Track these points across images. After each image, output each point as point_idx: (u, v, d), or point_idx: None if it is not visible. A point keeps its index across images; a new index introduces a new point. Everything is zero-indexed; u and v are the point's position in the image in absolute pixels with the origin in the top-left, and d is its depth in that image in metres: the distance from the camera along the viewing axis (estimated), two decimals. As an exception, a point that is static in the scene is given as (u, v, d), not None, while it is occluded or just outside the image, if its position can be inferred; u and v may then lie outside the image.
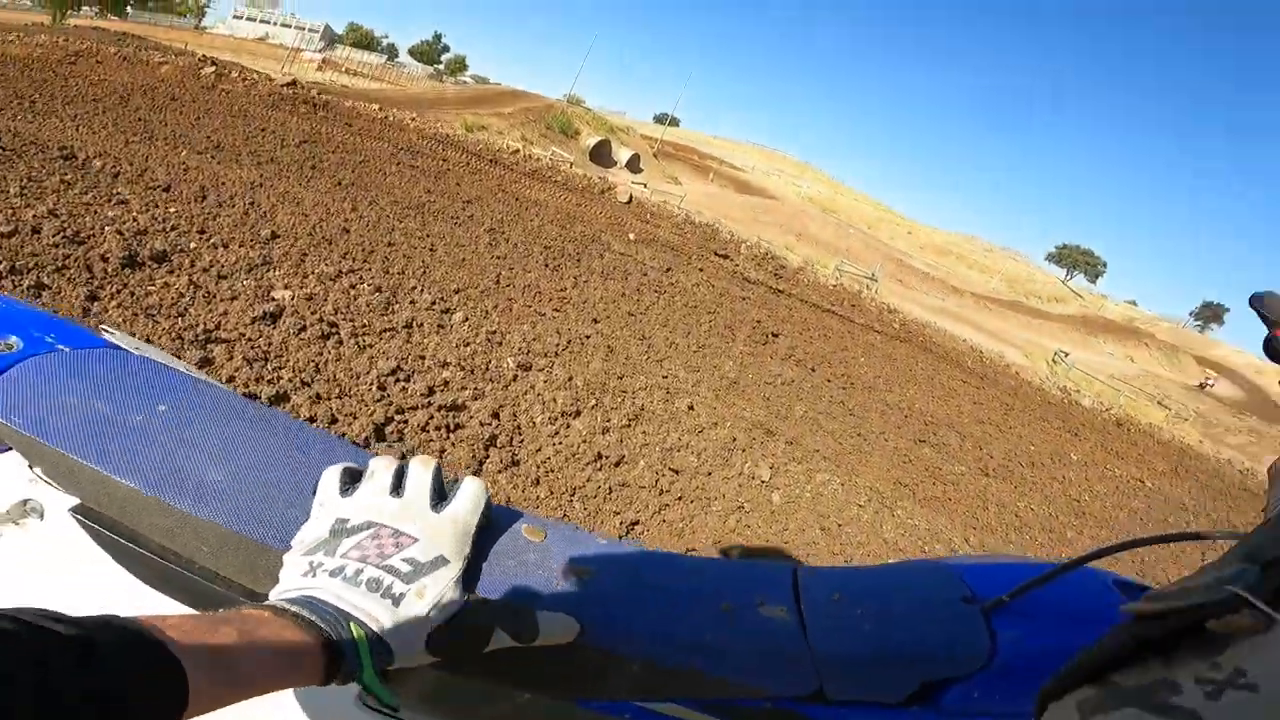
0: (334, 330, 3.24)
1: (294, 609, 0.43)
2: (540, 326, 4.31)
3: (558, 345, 4.11)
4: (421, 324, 3.68)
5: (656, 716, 0.54)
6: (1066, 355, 20.69)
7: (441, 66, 59.88)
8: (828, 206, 44.91)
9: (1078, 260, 64.79)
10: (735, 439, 3.83)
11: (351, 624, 0.44)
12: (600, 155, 28.60)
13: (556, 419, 3.29)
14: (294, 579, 0.48)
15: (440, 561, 0.49)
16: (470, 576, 0.52)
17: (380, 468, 0.54)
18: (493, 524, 0.58)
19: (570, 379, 3.74)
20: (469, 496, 0.54)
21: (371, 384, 2.91)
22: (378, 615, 0.45)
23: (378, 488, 0.53)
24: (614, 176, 22.66)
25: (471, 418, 2.98)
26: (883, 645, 0.58)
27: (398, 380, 3.03)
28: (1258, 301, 0.92)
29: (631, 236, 7.62)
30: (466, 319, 3.97)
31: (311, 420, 2.58)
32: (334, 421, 2.61)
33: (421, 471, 0.54)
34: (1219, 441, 16.57)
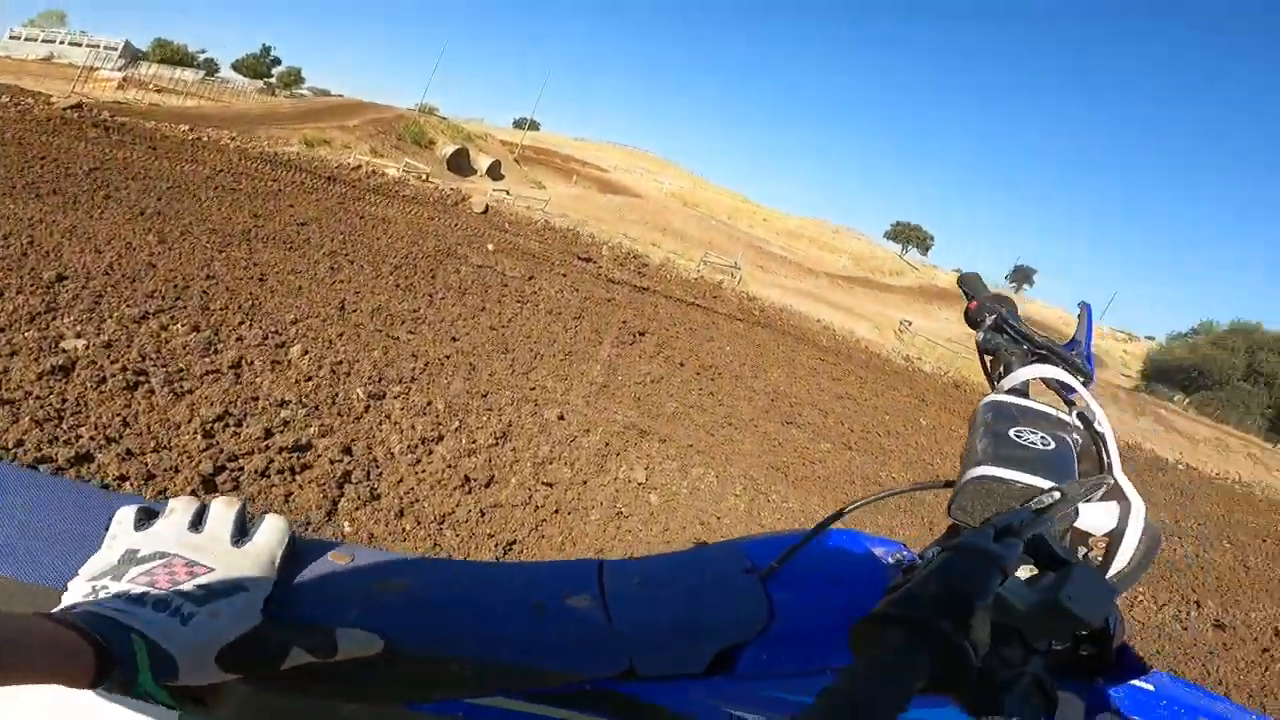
0: (143, 379, 2.86)
1: (67, 617, 0.43)
2: (393, 351, 4.05)
3: (414, 369, 3.88)
4: (252, 362, 3.33)
5: (488, 710, 0.57)
6: (909, 324, 22.61)
7: (273, 80, 55.28)
8: (689, 200, 46.37)
9: (910, 235, 71.14)
10: (608, 443, 3.79)
11: (131, 634, 0.44)
12: (459, 164, 27.66)
13: (416, 446, 3.10)
14: (75, 600, 0.47)
15: (238, 588, 0.50)
16: (274, 602, 0.53)
17: (180, 506, 0.55)
18: (301, 554, 0.60)
19: (429, 403, 3.54)
20: (271, 529, 0.56)
21: (195, 433, 2.60)
22: (162, 630, 0.45)
23: (175, 523, 0.53)
24: (474, 185, 22.01)
25: (319, 456, 2.74)
26: (679, 620, 0.64)
27: (227, 426, 2.73)
28: (962, 281, 1.11)
29: (490, 247, 7.40)
30: (307, 352, 3.64)
31: (123, 479, 2.26)
32: (151, 478, 2.31)
33: (223, 510, 0.55)
34: (1041, 390, 18.83)
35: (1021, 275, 76.43)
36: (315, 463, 2.70)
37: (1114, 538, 0.58)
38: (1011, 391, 0.77)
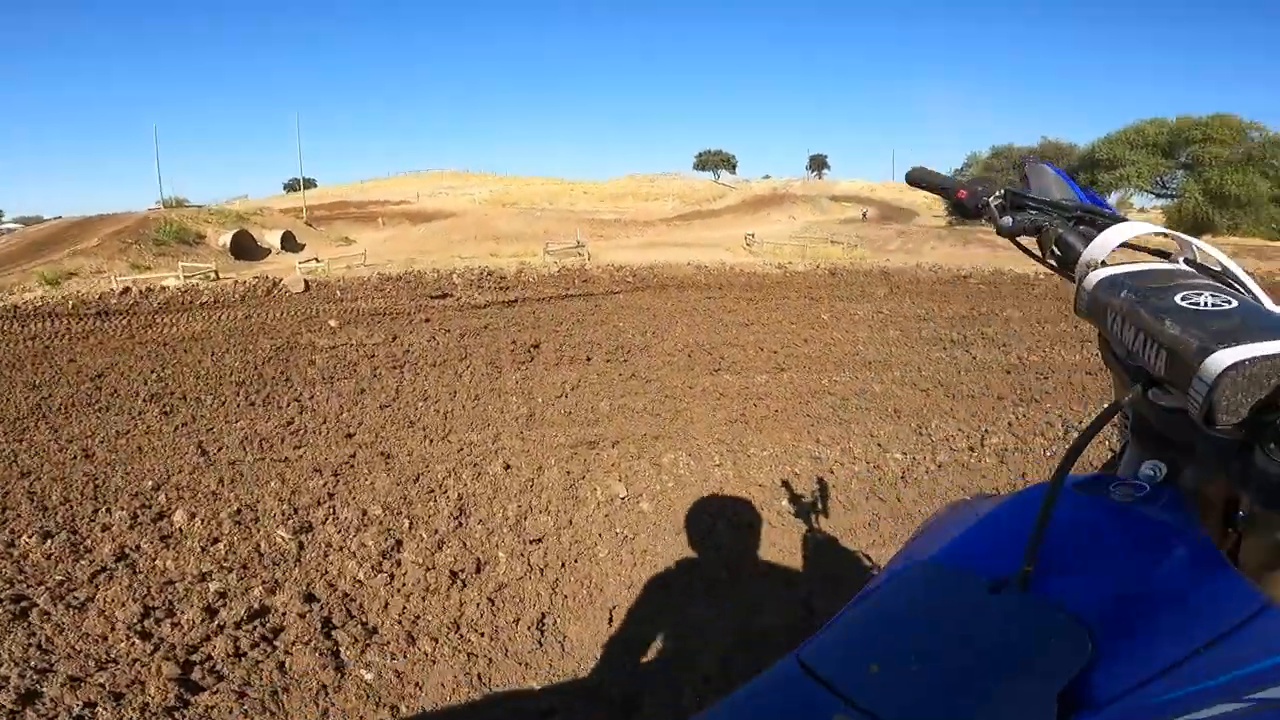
0: (26, 603, 2.36)
1: None
2: (289, 475, 3.52)
3: (325, 485, 3.40)
4: (137, 546, 2.82)
5: None
6: (753, 236, 23.71)
7: (-46, 223, 47.49)
8: (506, 201, 45.52)
9: (716, 161, 74.51)
10: (569, 472, 3.54)
11: None
12: (245, 249, 25.09)
13: (380, 563, 2.75)
14: None
15: None
16: None
17: None
18: None
19: (364, 513, 3.12)
20: None
21: (129, 638, 2.21)
22: None
23: None
24: (274, 265, 20.15)
25: (284, 616, 2.38)
26: (981, 685, 0.50)
27: (159, 620, 2.33)
28: (915, 179, 1.01)
29: (333, 323, 6.70)
30: (193, 514, 3.10)
31: (91, 706, 1.91)
32: (119, 697, 1.96)
33: None
34: (883, 251, 20.46)
35: (818, 163, 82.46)
36: (284, 624, 2.34)
37: None
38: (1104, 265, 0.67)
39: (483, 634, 2.32)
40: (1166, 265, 0.62)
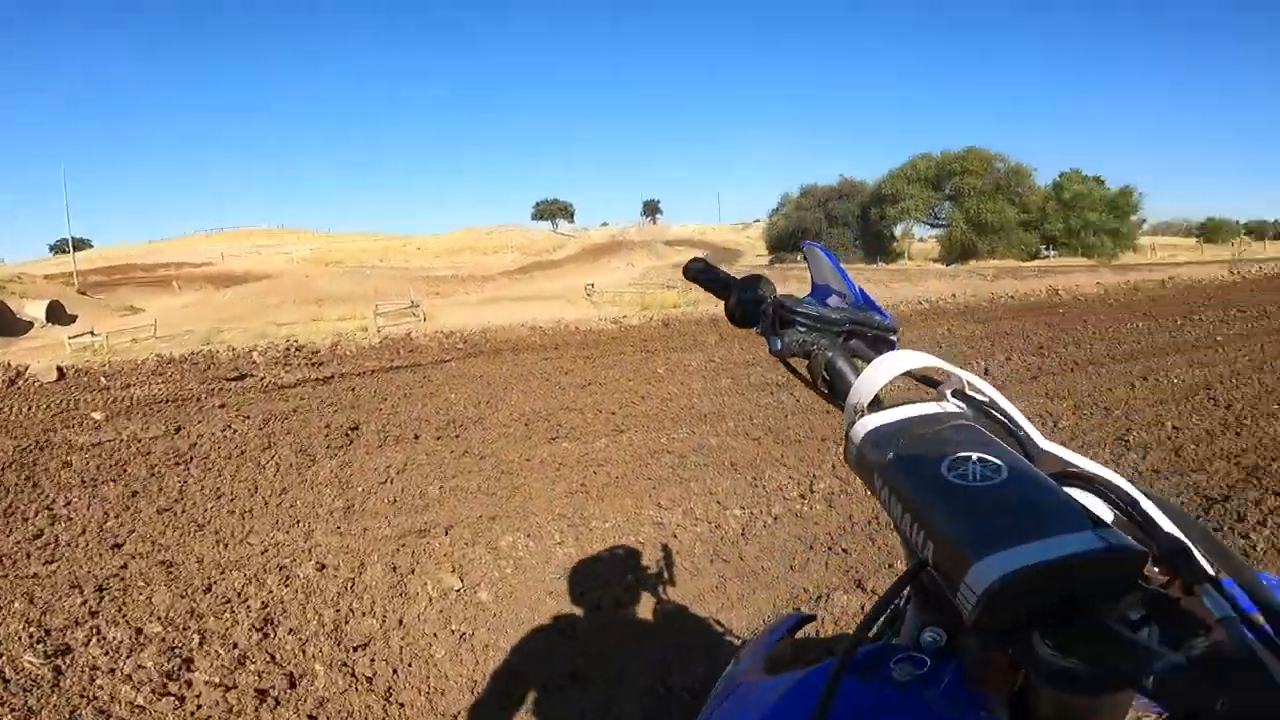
0: None
1: None
2: (38, 594, 2.92)
3: (83, 603, 2.85)
4: None
5: None
6: (593, 285, 24.20)
7: None
8: (329, 259, 42.92)
9: (554, 210, 76.12)
10: (395, 566, 3.25)
11: None
12: (0, 323, 21.25)
13: (164, 685, 2.31)
14: None
15: None
16: None
17: None
18: None
19: (138, 631, 2.70)
20: None
21: None
22: None
23: None
24: (39, 341, 17.21)
25: None
26: None
27: None
28: (693, 274, 0.95)
29: (98, 416, 5.75)
30: None
31: None
32: None
33: None
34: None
35: (652, 208, 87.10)
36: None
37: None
38: (874, 406, 0.63)
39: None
40: (934, 408, 0.60)
